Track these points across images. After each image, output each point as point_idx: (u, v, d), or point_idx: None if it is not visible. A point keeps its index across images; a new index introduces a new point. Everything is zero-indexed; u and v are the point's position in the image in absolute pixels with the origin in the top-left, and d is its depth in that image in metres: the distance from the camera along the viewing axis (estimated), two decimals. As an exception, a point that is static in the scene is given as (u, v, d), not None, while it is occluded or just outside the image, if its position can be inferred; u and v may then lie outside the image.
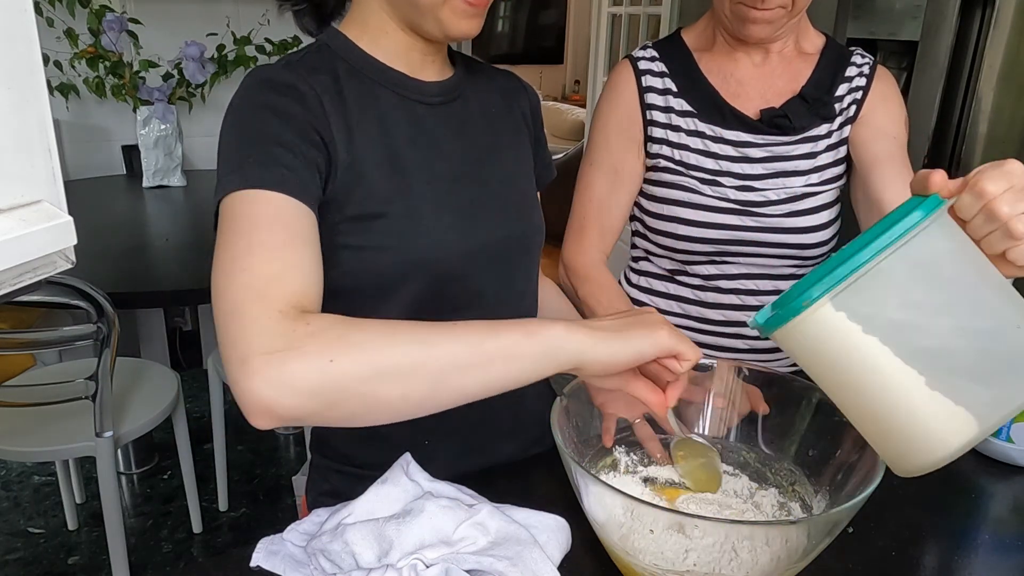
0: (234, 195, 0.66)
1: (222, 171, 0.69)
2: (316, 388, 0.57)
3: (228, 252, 0.63)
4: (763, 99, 1.06)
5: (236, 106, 0.72)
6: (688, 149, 1.06)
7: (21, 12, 0.36)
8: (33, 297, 1.48)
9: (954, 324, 0.56)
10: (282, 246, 0.64)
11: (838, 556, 0.73)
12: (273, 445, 2.59)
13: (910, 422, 0.56)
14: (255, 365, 0.56)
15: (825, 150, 1.07)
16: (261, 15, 2.85)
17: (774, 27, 0.99)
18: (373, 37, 0.79)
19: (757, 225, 1.05)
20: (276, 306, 0.59)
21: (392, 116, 0.78)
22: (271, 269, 0.62)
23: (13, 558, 2.02)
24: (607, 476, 0.78)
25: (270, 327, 0.58)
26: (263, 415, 0.57)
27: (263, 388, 0.56)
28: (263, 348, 0.57)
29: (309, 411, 0.58)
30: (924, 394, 0.55)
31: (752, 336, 1.13)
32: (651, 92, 1.08)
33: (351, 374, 0.57)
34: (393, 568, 0.63)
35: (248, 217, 0.65)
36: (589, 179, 1.12)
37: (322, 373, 0.57)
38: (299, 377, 0.56)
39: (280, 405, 0.56)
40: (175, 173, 2.64)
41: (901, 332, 0.55)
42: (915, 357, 0.55)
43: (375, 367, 0.58)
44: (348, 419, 0.60)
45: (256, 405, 0.56)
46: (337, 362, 0.57)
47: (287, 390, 0.56)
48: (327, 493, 0.90)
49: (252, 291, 0.60)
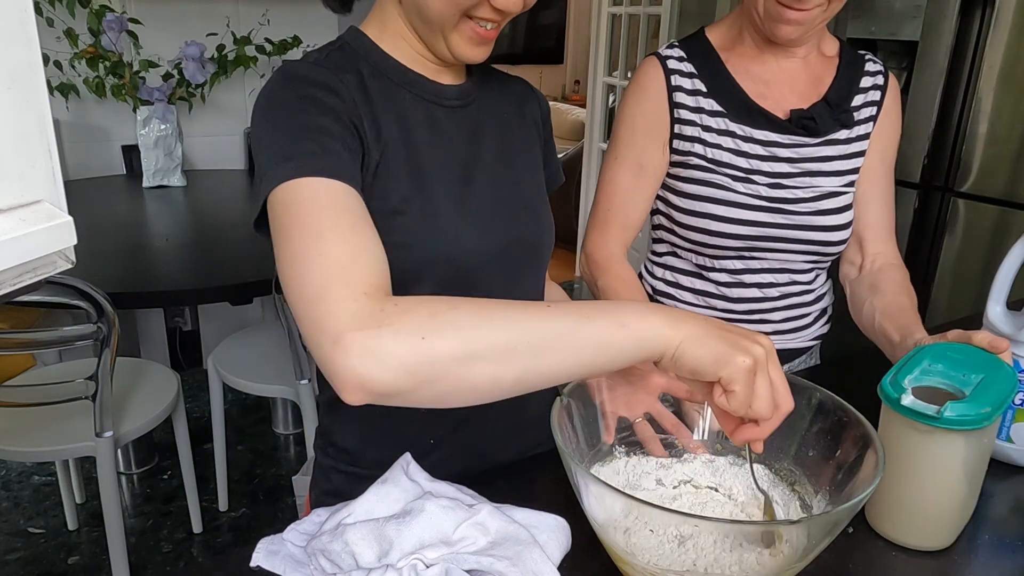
0: (288, 184, 0.66)
1: (267, 162, 0.68)
2: (411, 366, 0.56)
3: (297, 240, 0.63)
4: (787, 101, 1.09)
5: (273, 99, 0.72)
6: (720, 148, 1.08)
7: (21, 12, 0.36)
8: (33, 297, 1.48)
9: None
10: (351, 230, 0.64)
11: (838, 556, 0.73)
12: (273, 445, 2.59)
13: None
14: (349, 341, 0.56)
15: (845, 155, 1.10)
16: (261, 15, 2.85)
17: (806, 28, 1.01)
18: (393, 40, 0.80)
19: (785, 222, 1.09)
20: (360, 288, 0.59)
21: (412, 117, 0.79)
22: (346, 252, 0.62)
23: (13, 558, 2.02)
24: (607, 476, 0.78)
25: (359, 307, 0.58)
26: (358, 391, 0.57)
27: (358, 364, 0.56)
28: (355, 326, 0.57)
29: (403, 388, 0.57)
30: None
31: (776, 320, 1.17)
32: (679, 91, 1.09)
33: (445, 353, 0.57)
34: (393, 568, 0.62)
35: (309, 204, 0.65)
36: (613, 173, 1.14)
37: (416, 351, 0.56)
38: (394, 354, 0.56)
39: (375, 381, 0.56)
40: (175, 173, 2.64)
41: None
42: None
43: (469, 347, 0.57)
44: (440, 398, 0.59)
45: (352, 380, 0.56)
46: (429, 340, 0.57)
47: (383, 366, 0.56)
48: (329, 492, 0.90)
49: (333, 275, 0.60)
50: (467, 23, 0.74)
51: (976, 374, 0.75)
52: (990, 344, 0.80)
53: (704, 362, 0.59)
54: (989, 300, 0.92)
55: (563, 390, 0.73)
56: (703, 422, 0.81)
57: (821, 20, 1.01)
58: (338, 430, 0.90)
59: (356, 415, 0.87)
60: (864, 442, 0.68)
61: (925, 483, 0.74)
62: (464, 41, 0.76)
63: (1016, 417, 0.89)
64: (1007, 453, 0.91)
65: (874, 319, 1.04)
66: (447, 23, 0.74)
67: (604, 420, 0.78)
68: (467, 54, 0.77)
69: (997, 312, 0.91)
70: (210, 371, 2.07)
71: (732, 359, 0.59)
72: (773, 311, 1.16)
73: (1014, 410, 0.89)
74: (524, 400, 0.89)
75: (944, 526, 0.76)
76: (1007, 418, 0.89)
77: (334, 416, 0.90)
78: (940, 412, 0.70)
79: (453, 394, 0.59)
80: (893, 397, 0.73)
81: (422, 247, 0.76)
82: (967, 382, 0.74)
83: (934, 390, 0.74)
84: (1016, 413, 0.89)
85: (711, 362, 0.59)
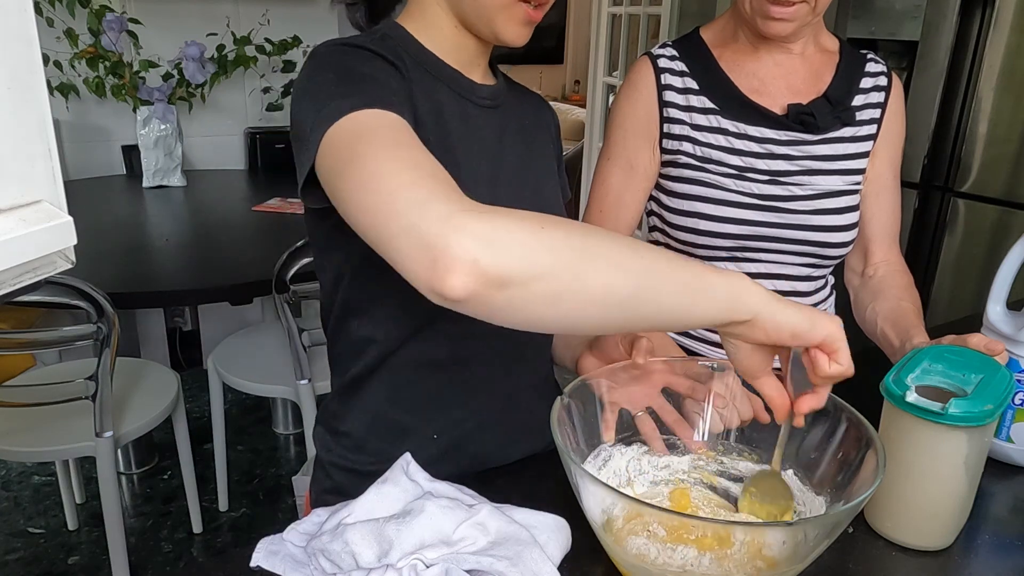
0: (350, 116, 0.62)
1: (325, 102, 0.65)
2: (529, 250, 0.53)
3: (371, 158, 0.59)
4: (784, 97, 1.07)
5: (324, 58, 0.71)
6: (711, 146, 1.07)
7: (21, 12, 0.36)
8: (33, 297, 1.48)
9: None
10: (420, 149, 0.61)
11: (838, 556, 0.74)
12: (273, 445, 2.59)
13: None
14: (462, 219, 0.52)
15: (847, 155, 1.08)
16: (261, 15, 2.85)
17: (796, 24, 1.00)
18: (429, 32, 0.80)
19: (781, 221, 1.06)
20: (454, 186, 0.57)
21: (447, 110, 0.79)
22: (431, 162, 0.59)
23: (13, 558, 2.02)
24: (607, 476, 0.78)
25: (460, 197, 0.55)
26: (466, 273, 0.52)
27: (472, 241, 0.51)
28: (466, 207, 0.53)
29: (519, 275, 0.52)
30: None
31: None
32: (669, 90, 1.09)
33: (565, 244, 0.54)
34: (393, 568, 0.63)
35: (378, 125, 0.62)
36: (605, 174, 1.14)
37: (535, 236, 0.53)
38: (513, 235, 0.53)
39: (489, 261, 0.52)
40: (175, 173, 2.64)
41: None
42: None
43: (587, 246, 0.55)
44: (550, 300, 0.54)
45: (462, 258, 0.51)
46: (548, 231, 0.54)
47: (499, 244, 0.52)
48: (330, 491, 0.90)
49: (424, 174, 0.57)
50: (518, 5, 0.75)
51: (975, 374, 0.75)
52: (986, 347, 0.81)
53: (800, 325, 0.59)
54: (989, 300, 0.92)
55: (563, 390, 0.73)
56: (703, 423, 0.81)
57: (810, 15, 1.00)
58: (345, 416, 0.89)
59: (367, 402, 0.87)
60: (865, 443, 0.68)
61: (926, 482, 0.74)
62: (513, 23, 0.76)
63: (1016, 417, 0.89)
64: (1007, 453, 0.91)
65: (876, 324, 1.04)
66: (498, 3, 0.75)
67: (604, 414, 0.78)
68: (512, 36, 0.77)
69: (997, 312, 0.91)
70: (210, 371, 2.07)
71: (825, 321, 0.59)
72: None
73: (1014, 410, 0.89)
74: (526, 400, 0.89)
75: (944, 525, 0.76)
76: (1007, 418, 0.89)
77: (344, 400, 0.89)
78: (945, 409, 0.70)
79: (565, 296, 0.54)
80: (897, 394, 0.73)
81: None
82: (967, 381, 0.74)
83: (935, 389, 0.75)
84: (1016, 413, 0.89)
85: (807, 325, 0.59)
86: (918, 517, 0.75)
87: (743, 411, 0.80)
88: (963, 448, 0.72)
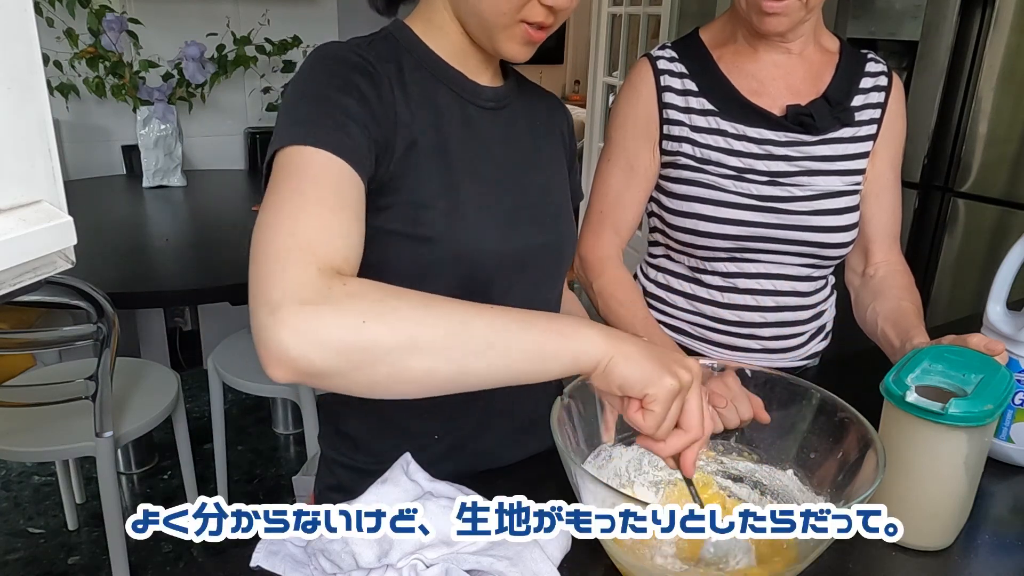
0: (295, 148, 0.66)
1: (285, 123, 0.69)
2: (345, 347, 0.56)
3: (280, 202, 0.63)
4: (783, 98, 1.07)
5: (309, 71, 0.73)
6: (710, 147, 1.07)
7: (21, 12, 0.36)
8: (33, 297, 1.48)
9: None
10: (333, 210, 0.64)
11: (838, 556, 0.73)
12: (273, 445, 2.59)
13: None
14: (286, 314, 0.56)
15: (847, 155, 1.08)
16: (261, 15, 2.85)
17: (790, 20, 1.00)
18: (435, 35, 0.81)
19: (780, 222, 1.06)
20: (317, 263, 0.59)
21: (448, 113, 0.79)
22: (319, 227, 0.62)
23: (13, 558, 2.02)
24: (607, 477, 0.78)
25: (308, 280, 0.58)
26: (283, 367, 0.56)
27: (291, 338, 0.55)
28: (298, 299, 0.56)
29: (333, 369, 0.56)
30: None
31: (765, 336, 1.14)
32: (669, 92, 1.08)
33: (383, 339, 0.56)
34: (393, 568, 0.63)
35: (306, 172, 0.65)
36: (605, 175, 1.14)
37: (354, 332, 0.56)
38: (330, 333, 0.55)
39: (304, 358, 0.55)
40: (175, 173, 2.64)
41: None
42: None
43: (408, 337, 0.57)
44: (369, 386, 0.59)
45: (279, 355, 0.55)
46: (370, 325, 0.56)
47: (315, 344, 0.55)
48: (334, 488, 0.91)
49: (296, 244, 0.60)
50: (519, 26, 0.75)
51: (975, 374, 0.75)
52: (986, 347, 0.81)
53: (632, 380, 0.60)
54: (989, 300, 0.92)
55: (563, 390, 0.73)
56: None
57: (802, 11, 0.99)
58: (346, 416, 0.89)
59: (368, 403, 0.86)
60: (865, 443, 0.68)
61: (926, 481, 0.74)
62: (513, 42, 0.76)
63: (1016, 417, 0.89)
64: (1007, 453, 0.91)
65: (877, 324, 1.04)
66: (500, 22, 0.75)
67: (604, 414, 0.78)
68: (513, 54, 0.78)
69: (997, 312, 0.91)
70: (210, 371, 2.07)
71: (660, 380, 0.60)
72: (764, 326, 1.13)
73: (1014, 410, 0.89)
74: (529, 400, 0.89)
75: (944, 525, 0.76)
76: (1007, 418, 0.89)
77: (346, 400, 0.89)
78: (945, 409, 0.70)
79: (385, 383, 0.58)
80: (897, 394, 0.73)
81: (444, 243, 0.76)
82: (967, 381, 0.74)
83: (935, 389, 0.75)
84: (1016, 413, 0.89)
85: (638, 380, 0.60)
86: (918, 517, 0.75)
87: (743, 411, 0.80)
88: (963, 448, 0.72)
